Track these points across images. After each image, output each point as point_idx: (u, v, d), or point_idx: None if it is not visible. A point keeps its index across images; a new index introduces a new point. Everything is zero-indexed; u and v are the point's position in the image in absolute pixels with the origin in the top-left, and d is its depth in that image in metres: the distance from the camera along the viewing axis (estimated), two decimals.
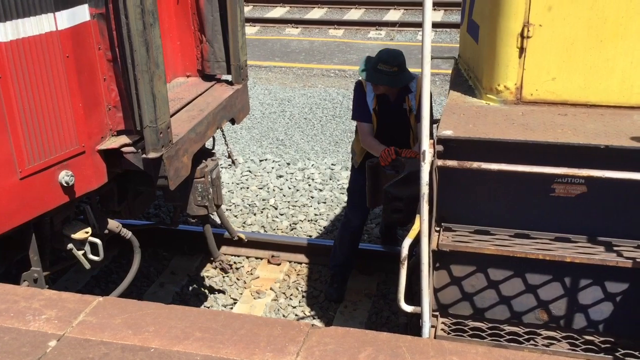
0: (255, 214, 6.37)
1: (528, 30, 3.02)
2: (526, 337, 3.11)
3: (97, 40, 3.27)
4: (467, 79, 3.67)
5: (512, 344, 3.04)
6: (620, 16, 2.93)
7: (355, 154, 4.88)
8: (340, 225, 5.22)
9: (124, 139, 3.45)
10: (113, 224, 3.92)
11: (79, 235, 3.58)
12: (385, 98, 4.57)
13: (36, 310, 2.42)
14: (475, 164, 2.76)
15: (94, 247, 3.65)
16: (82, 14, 3.16)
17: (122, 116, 3.46)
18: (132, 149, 3.43)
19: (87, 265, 3.67)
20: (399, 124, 4.61)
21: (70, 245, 3.60)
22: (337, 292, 5.13)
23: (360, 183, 4.59)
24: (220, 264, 5.04)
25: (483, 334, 3.12)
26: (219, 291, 5.27)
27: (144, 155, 3.37)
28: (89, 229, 3.62)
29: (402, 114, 4.60)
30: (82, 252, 3.64)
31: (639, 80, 3.03)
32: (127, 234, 4.00)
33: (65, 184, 3.22)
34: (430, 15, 2.54)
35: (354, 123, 4.83)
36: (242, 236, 5.14)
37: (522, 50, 3.07)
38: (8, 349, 2.20)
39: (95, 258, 3.67)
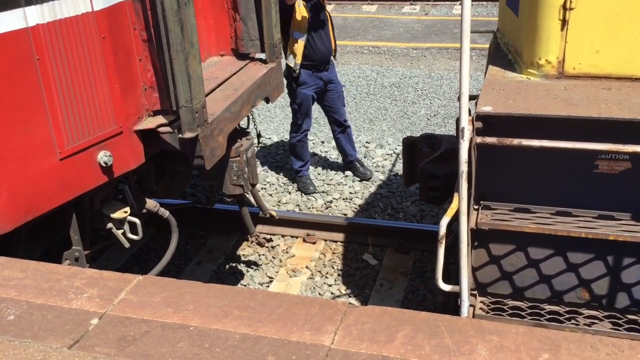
0: (290, 193, 6.38)
1: (570, 2, 2.92)
2: (567, 316, 3.06)
3: (132, 21, 3.27)
4: (506, 53, 3.58)
5: (552, 323, 3.00)
6: None
7: (295, 59, 5.91)
8: (293, 134, 6.40)
9: (160, 119, 3.47)
10: (151, 204, 3.96)
11: (118, 214, 3.63)
12: None
13: (78, 288, 2.46)
14: (516, 141, 2.70)
15: (132, 226, 3.70)
16: None
17: (158, 96, 3.47)
18: (168, 129, 3.45)
19: (127, 244, 3.73)
20: (322, 19, 5.97)
21: (109, 225, 3.65)
22: (312, 185, 6.38)
23: (308, 95, 6.11)
24: (256, 238, 5.13)
25: (523, 314, 3.08)
26: (255, 269, 5.31)
27: (180, 135, 3.39)
28: (127, 209, 3.67)
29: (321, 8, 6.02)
30: (122, 231, 3.69)
31: None
32: (165, 213, 4.05)
33: (104, 164, 3.26)
34: None
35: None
36: (274, 213, 5.18)
37: (564, 22, 2.97)
38: (52, 326, 2.24)
39: (134, 237, 3.72)
